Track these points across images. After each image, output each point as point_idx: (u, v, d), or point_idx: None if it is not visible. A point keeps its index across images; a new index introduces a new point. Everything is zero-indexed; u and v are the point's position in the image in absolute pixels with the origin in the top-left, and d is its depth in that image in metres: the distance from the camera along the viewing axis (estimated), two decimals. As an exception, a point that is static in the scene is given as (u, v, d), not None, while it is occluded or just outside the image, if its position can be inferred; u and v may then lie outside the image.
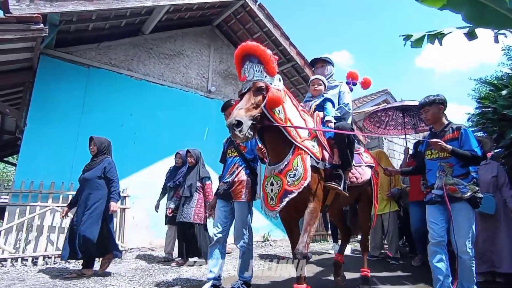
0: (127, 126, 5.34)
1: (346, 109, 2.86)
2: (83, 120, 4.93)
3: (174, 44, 6.26)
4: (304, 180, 2.17)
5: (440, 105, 2.66)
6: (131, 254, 4.91)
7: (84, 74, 5.06)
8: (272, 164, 2.34)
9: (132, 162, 5.26)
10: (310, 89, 2.95)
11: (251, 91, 2.12)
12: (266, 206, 2.32)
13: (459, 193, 2.41)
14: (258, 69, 2.15)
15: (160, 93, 5.84)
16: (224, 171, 3.08)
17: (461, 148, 2.47)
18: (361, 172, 2.86)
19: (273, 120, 2.18)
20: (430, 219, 2.59)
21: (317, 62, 3.15)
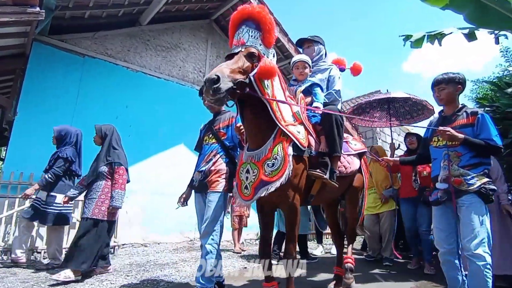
0: (122, 119, 5.19)
1: (336, 96, 2.59)
2: (77, 111, 4.77)
3: (172, 36, 6.14)
4: (283, 171, 1.94)
5: (459, 85, 2.31)
6: (124, 250, 4.78)
7: (79, 64, 4.89)
8: (250, 150, 2.10)
9: (127, 155, 5.11)
10: (295, 73, 2.63)
11: (241, 54, 1.87)
12: (239, 194, 2.11)
13: (465, 185, 2.09)
14: (254, 35, 1.91)
15: (156, 86, 5.71)
16: (199, 160, 2.70)
17: (477, 137, 2.12)
18: (350, 161, 2.62)
19: (259, 92, 1.91)
20: (436, 225, 2.28)
21: (304, 43, 2.81)
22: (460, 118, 2.26)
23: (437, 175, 2.28)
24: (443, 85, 2.33)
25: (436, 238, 2.27)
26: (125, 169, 3.32)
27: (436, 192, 2.27)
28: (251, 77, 1.85)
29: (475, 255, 1.96)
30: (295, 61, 2.62)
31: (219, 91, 1.66)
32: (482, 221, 2.02)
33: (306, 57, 2.61)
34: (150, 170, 5.39)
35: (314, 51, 2.73)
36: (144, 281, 3.03)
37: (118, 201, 3.12)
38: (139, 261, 4.00)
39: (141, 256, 4.41)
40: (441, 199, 2.20)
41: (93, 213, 3.03)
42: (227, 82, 1.69)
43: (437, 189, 2.27)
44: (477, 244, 1.97)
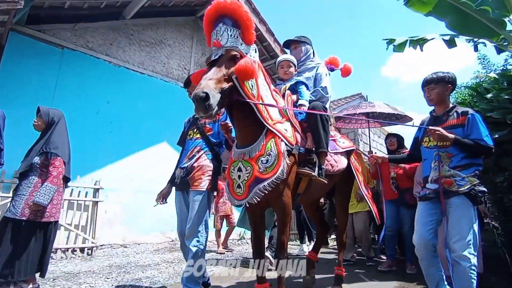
0: (103, 114, 5.00)
1: (323, 93, 2.54)
2: (54, 105, 4.51)
3: (156, 32, 5.98)
4: (278, 167, 1.90)
5: (449, 84, 2.27)
6: (102, 251, 4.60)
7: (57, 56, 4.66)
8: (240, 147, 2.04)
9: (107, 153, 4.94)
10: (280, 72, 2.62)
11: (223, 59, 1.81)
12: (231, 194, 2.03)
13: (455, 186, 2.06)
14: (233, 34, 1.83)
15: (139, 82, 5.54)
16: (182, 156, 2.59)
17: (467, 137, 2.09)
18: (337, 159, 2.57)
19: (244, 96, 1.86)
20: (418, 219, 2.25)
21: (290, 44, 2.79)
22: (451, 118, 2.23)
23: (427, 176, 2.26)
24: (433, 85, 2.30)
25: (415, 233, 2.23)
26: (62, 161, 2.74)
27: (425, 190, 2.27)
28: (234, 81, 1.81)
29: (461, 257, 1.95)
30: (280, 60, 2.61)
31: (210, 108, 1.63)
32: (470, 223, 2.00)
33: (291, 57, 2.60)
34: (132, 167, 5.22)
35: (302, 52, 2.72)
36: (125, 283, 2.91)
37: (44, 197, 2.47)
38: (119, 263, 3.86)
39: (120, 257, 4.25)
40: (429, 195, 2.20)
41: (23, 214, 2.45)
42: (216, 95, 1.66)
43: (427, 188, 2.25)
44: (463, 246, 1.96)
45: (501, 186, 3.27)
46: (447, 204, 2.11)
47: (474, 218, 2.03)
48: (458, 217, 2.03)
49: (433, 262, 2.13)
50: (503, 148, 3.16)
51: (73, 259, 3.99)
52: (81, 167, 4.55)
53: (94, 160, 4.78)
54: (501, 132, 3.07)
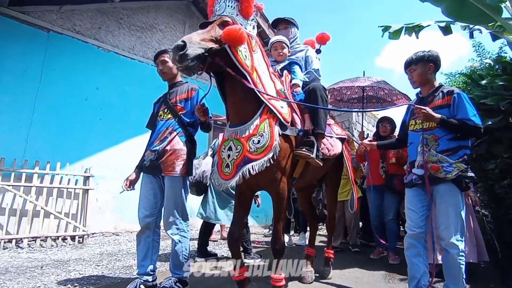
0: (92, 101, 4.87)
1: (316, 75, 2.53)
2: (41, 91, 4.40)
3: (147, 16, 5.80)
4: (269, 149, 1.82)
5: (430, 63, 2.18)
6: (94, 239, 4.55)
7: (43, 39, 4.49)
8: (233, 126, 1.95)
9: (97, 140, 4.84)
10: (273, 54, 2.56)
11: (214, 23, 1.81)
12: (219, 174, 1.94)
13: (442, 173, 2.00)
14: (231, 5, 1.84)
15: (130, 68, 5.40)
16: (152, 138, 2.41)
17: (454, 118, 2.02)
18: (333, 143, 2.56)
19: (237, 63, 1.78)
20: (408, 205, 2.20)
21: (280, 23, 2.73)
22: (437, 98, 2.15)
23: (414, 160, 2.19)
24: (413, 66, 2.23)
25: (407, 220, 2.19)
26: None
27: (411, 175, 2.19)
28: (225, 46, 1.75)
29: (450, 244, 1.95)
30: (273, 42, 2.55)
31: (186, 57, 1.57)
32: (457, 210, 1.97)
33: (283, 38, 2.55)
34: (122, 155, 5.11)
35: (290, 33, 2.67)
36: (115, 270, 2.88)
37: None
38: (110, 251, 3.82)
39: (112, 245, 4.22)
40: (415, 181, 2.13)
41: None
42: (196, 48, 1.61)
43: (412, 173, 2.19)
44: (451, 233, 1.95)
45: (492, 173, 3.27)
46: (433, 190, 2.06)
47: (461, 205, 1.99)
48: (446, 204, 2.00)
49: (422, 252, 2.09)
50: (495, 135, 3.15)
51: (63, 247, 3.95)
52: (70, 155, 4.49)
53: (84, 148, 4.68)
54: (494, 119, 3.05)
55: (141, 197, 2.38)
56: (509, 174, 3.13)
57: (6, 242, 3.77)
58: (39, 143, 4.26)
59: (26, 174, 4.03)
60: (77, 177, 4.51)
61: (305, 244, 4.32)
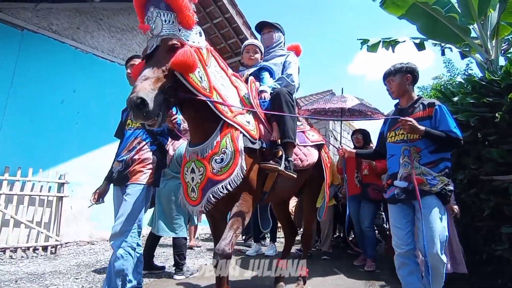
0: (68, 104, 4.66)
1: (289, 80, 2.32)
2: (12, 93, 4.15)
3: (128, 18, 5.65)
4: (234, 167, 1.68)
5: (408, 74, 2.20)
6: (67, 249, 4.35)
7: (16, 38, 4.25)
8: (193, 145, 1.80)
9: (74, 145, 4.64)
10: (244, 57, 2.39)
11: (160, 51, 1.55)
12: (186, 199, 1.82)
13: (427, 185, 1.98)
14: (168, 19, 1.57)
15: (109, 70, 5.22)
16: (120, 148, 2.31)
17: (436, 129, 2.03)
18: (306, 153, 2.37)
19: (193, 90, 1.61)
20: (393, 222, 2.14)
21: (264, 27, 2.56)
22: (417, 110, 2.15)
23: (396, 173, 2.14)
24: (392, 76, 2.24)
25: (394, 238, 2.14)
26: None
27: (392, 189, 2.14)
28: (178, 75, 1.56)
29: (437, 259, 1.92)
30: (246, 44, 2.43)
31: (152, 114, 1.42)
32: (442, 223, 1.96)
33: (258, 42, 2.44)
34: (99, 160, 4.91)
35: (274, 38, 2.54)
36: (96, 283, 2.77)
37: None
38: (87, 261, 3.66)
39: (88, 255, 4.05)
40: (398, 197, 2.08)
41: None
42: (155, 98, 1.43)
43: (394, 186, 2.14)
44: (437, 247, 1.91)
45: (460, 183, 3.51)
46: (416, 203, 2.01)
47: (445, 218, 2.00)
48: (431, 218, 1.96)
49: (414, 269, 2.04)
50: (465, 148, 3.39)
51: (35, 259, 3.73)
52: (44, 160, 4.27)
53: (59, 153, 4.47)
54: (464, 134, 3.30)
55: (115, 211, 2.24)
56: (475, 184, 3.36)
57: (-30, 253, 3.51)
58: (10, 148, 4.01)
59: (-4, 181, 3.78)
60: (50, 183, 4.29)
61: (274, 254, 4.27)
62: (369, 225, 3.75)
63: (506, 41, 4.64)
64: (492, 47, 4.37)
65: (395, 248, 2.12)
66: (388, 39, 5.25)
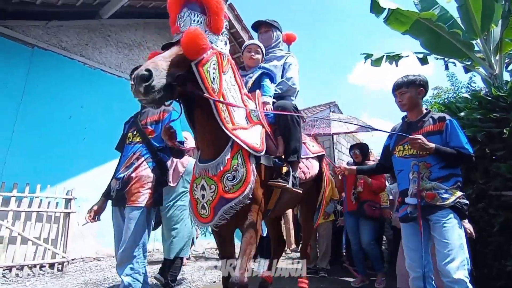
0: (76, 119, 4.69)
1: (290, 84, 2.29)
2: (22, 109, 4.18)
3: (135, 34, 5.75)
4: (246, 184, 1.66)
5: (421, 87, 2.14)
6: (74, 265, 4.30)
7: (26, 55, 4.30)
8: (203, 161, 1.77)
9: (81, 160, 4.64)
10: (245, 57, 2.30)
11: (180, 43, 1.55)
12: (196, 216, 1.80)
13: (439, 200, 1.89)
14: (198, 20, 1.61)
15: (116, 85, 5.27)
16: (119, 163, 2.24)
17: (446, 145, 1.96)
18: (309, 165, 2.35)
19: (203, 87, 1.57)
20: (407, 243, 2.04)
21: (261, 26, 2.49)
22: (426, 124, 2.08)
23: (406, 189, 2.07)
24: (404, 88, 2.16)
25: (407, 260, 2.03)
26: None
27: (405, 207, 2.07)
28: (193, 66, 1.54)
29: (455, 281, 1.73)
30: (247, 44, 2.33)
31: (152, 90, 1.35)
32: (460, 240, 1.82)
33: (259, 42, 2.35)
34: (106, 175, 4.89)
35: (272, 38, 2.47)
36: (108, 304, 2.74)
37: None
38: (94, 279, 3.63)
39: (95, 272, 4.01)
40: (411, 215, 1.99)
41: None
42: (162, 77, 1.39)
43: (406, 204, 2.07)
44: (456, 267, 1.75)
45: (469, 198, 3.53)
46: (431, 220, 1.93)
47: (463, 234, 1.87)
48: (446, 234, 1.83)
49: None
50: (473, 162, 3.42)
51: (42, 277, 3.70)
52: (51, 176, 4.27)
53: (66, 169, 4.47)
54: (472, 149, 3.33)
55: (114, 232, 2.18)
56: (484, 199, 3.36)
57: (-24, 271, 3.48)
58: (19, 164, 4.02)
59: (3, 198, 3.77)
60: (58, 199, 4.29)
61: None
62: (369, 242, 3.59)
63: (510, 56, 4.71)
64: (496, 62, 4.44)
65: (409, 271, 2.01)
66: (391, 53, 5.33)
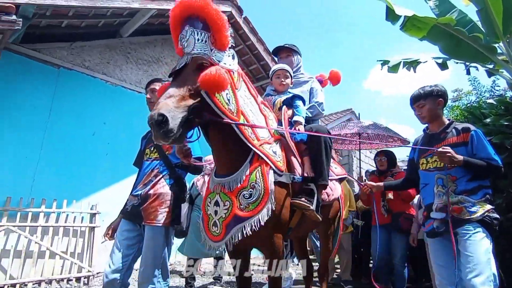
0: (99, 135, 4.84)
1: (319, 109, 2.33)
2: (49, 127, 4.36)
3: (154, 50, 5.91)
4: (263, 204, 1.59)
5: (439, 98, 2.08)
6: (99, 278, 4.38)
7: (53, 75, 4.50)
8: (219, 176, 1.71)
9: (104, 175, 4.77)
10: (274, 83, 2.31)
11: (188, 70, 1.50)
12: (206, 233, 1.70)
13: (466, 214, 1.82)
14: (202, 38, 1.53)
15: (137, 101, 5.40)
16: (136, 180, 2.23)
17: (473, 157, 1.88)
18: (332, 187, 2.30)
19: (219, 112, 1.52)
20: (435, 260, 1.97)
21: (282, 51, 2.49)
22: (449, 135, 2.01)
23: (431, 203, 2.00)
24: (422, 101, 2.10)
25: (437, 277, 1.96)
26: None
27: (431, 222, 1.99)
28: (203, 95, 1.47)
29: None
30: (275, 69, 2.32)
31: (171, 133, 1.33)
32: (487, 254, 1.76)
33: (287, 67, 2.33)
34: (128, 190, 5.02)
35: (294, 62, 2.47)
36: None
37: None
38: (120, 293, 3.67)
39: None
40: (438, 230, 1.92)
41: None
42: (178, 116, 1.35)
43: (431, 218, 2.00)
44: (481, 283, 1.68)
45: (500, 207, 3.39)
46: (458, 234, 1.84)
47: (490, 249, 1.80)
48: (473, 247, 1.77)
49: None
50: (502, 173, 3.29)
51: (69, 291, 3.78)
52: (77, 191, 4.40)
53: (91, 184, 4.60)
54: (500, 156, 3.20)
55: (113, 247, 2.11)
56: (514, 208, 3.23)
57: (10, 287, 3.59)
58: (46, 181, 4.17)
59: (32, 213, 3.91)
60: (83, 214, 4.41)
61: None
62: (401, 258, 3.39)
63: (535, 58, 4.54)
64: (520, 64, 4.29)
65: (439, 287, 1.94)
66: (409, 59, 5.24)
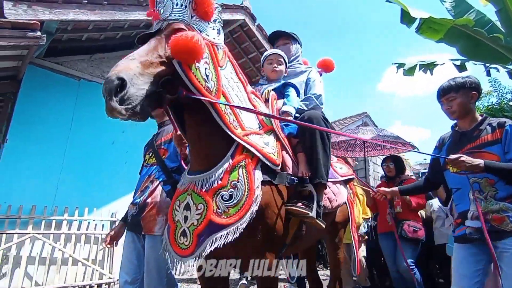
0: (118, 144, 4.96)
1: (317, 102, 1.99)
2: (71, 137, 4.50)
3: (168, 59, 6.04)
4: (248, 207, 1.26)
5: (473, 90, 1.81)
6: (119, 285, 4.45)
7: (74, 87, 4.66)
8: (192, 173, 1.41)
9: (123, 183, 4.84)
10: (266, 69, 2.03)
11: (161, 35, 1.26)
12: (171, 246, 1.35)
13: (509, 225, 1.57)
14: (181, 3, 1.30)
15: (153, 110, 5.54)
16: (136, 187, 2.11)
17: (505, 155, 1.64)
18: (335, 191, 1.95)
19: (193, 89, 1.23)
20: (458, 268, 1.76)
21: (279, 38, 2.23)
22: (484, 134, 1.75)
23: (465, 210, 1.76)
24: (453, 93, 1.83)
25: (454, 285, 1.76)
26: None
27: (463, 227, 1.76)
28: (175, 65, 1.21)
29: None
30: (267, 54, 2.05)
31: (128, 101, 1.05)
32: None
33: (281, 52, 2.06)
34: (146, 197, 5.14)
35: (291, 50, 2.20)
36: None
37: None
38: (140, 300, 3.72)
39: (139, 292, 4.11)
40: (470, 236, 1.69)
41: None
42: (140, 86, 1.09)
43: (465, 226, 1.77)
44: None
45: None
46: (497, 248, 1.61)
47: None
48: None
49: None
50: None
51: (91, 297, 3.86)
52: (97, 199, 4.51)
53: (110, 192, 4.70)
54: None
55: (123, 259, 2.04)
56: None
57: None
58: (69, 189, 4.29)
59: (56, 221, 4.02)
60: (103, 222, 4.50)
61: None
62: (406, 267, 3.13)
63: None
64: (543, 65, 4.17)
65: None
66: (425, 62, 5.16)
